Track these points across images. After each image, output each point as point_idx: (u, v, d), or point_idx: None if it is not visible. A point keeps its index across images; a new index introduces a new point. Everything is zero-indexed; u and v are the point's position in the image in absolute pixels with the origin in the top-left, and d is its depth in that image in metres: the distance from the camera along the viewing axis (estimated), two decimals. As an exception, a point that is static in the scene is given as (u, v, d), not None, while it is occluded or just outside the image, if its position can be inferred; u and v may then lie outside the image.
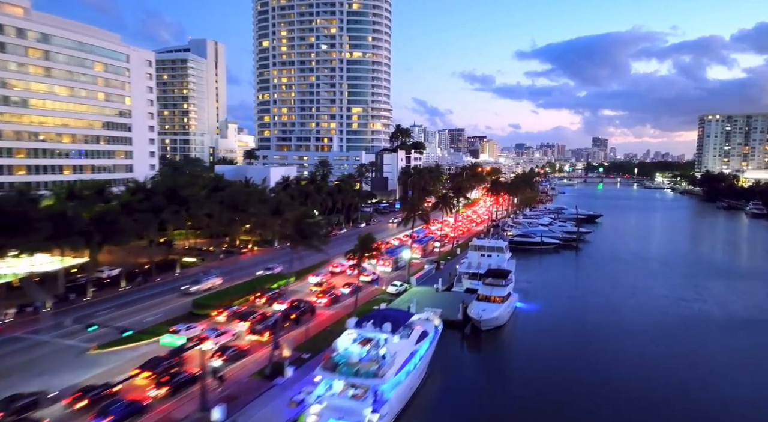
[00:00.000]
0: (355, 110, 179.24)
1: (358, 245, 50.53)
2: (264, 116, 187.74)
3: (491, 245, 70.60)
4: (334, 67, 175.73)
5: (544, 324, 55.02)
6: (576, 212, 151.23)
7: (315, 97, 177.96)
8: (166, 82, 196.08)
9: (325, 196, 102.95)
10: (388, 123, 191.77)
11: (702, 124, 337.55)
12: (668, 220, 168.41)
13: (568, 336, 51.49)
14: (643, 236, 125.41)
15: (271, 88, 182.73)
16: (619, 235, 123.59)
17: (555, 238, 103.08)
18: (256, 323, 45.53)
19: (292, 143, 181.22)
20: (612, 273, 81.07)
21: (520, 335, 52.62)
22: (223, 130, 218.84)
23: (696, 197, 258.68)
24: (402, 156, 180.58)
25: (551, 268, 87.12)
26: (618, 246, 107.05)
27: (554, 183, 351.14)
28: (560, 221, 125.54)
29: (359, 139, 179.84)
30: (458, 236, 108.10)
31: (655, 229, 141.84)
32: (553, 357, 45.90)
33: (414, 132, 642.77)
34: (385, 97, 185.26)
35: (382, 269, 72.58)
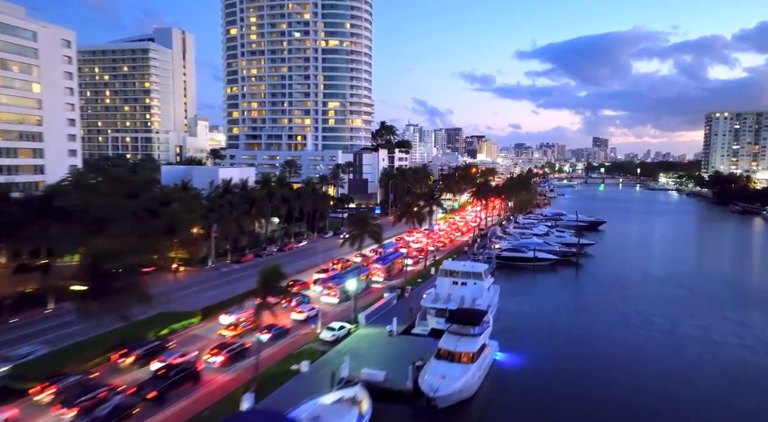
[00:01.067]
0: (331, 105, 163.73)
1: (259, 284, 34.94)
2: (233, 111, 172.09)
3: (467, 270, 55.08)
4: (308, 57, 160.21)
5: (534, 390, 39.39)
6: (576, 218, 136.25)
7: (287, 91, 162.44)
8: (126, 74, 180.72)
9: (278, 202, 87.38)
10: (369, 120, 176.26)
11: (709, 122, 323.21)
12: (679, 227, 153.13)
13: (566, 409, 36.04)
14: (654, 247, 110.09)
15: (240, 80, 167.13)
16: (626, 246, 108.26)
17: (551, 252, 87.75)
18: (83, 412, 29.45)
19: (262, 141, 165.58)
20: (621, 301, 65.66)
21: (497, 413, 36.99)
22: (192, 127, 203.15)
23: (705, 200, 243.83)
24: (384, 156, 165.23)
25: (546, 293, 71.63)
26: (626, 262, 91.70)
27: (553, 184, 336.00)
28: (558, 229, 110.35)
29: (336, 137, 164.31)
30: (438, 249, 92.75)
31: (666, 238, 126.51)
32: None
33: (409, 131, 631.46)
34: (365, 90, 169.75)
35: (327, 300, 57.08)
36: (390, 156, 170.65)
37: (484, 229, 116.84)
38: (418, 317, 51.13)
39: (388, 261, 70.28)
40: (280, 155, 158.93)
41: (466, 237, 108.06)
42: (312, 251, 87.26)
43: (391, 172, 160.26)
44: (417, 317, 51.15)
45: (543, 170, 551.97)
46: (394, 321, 47.91)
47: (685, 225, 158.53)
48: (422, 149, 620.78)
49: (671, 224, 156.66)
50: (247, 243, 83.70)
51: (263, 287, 33.85)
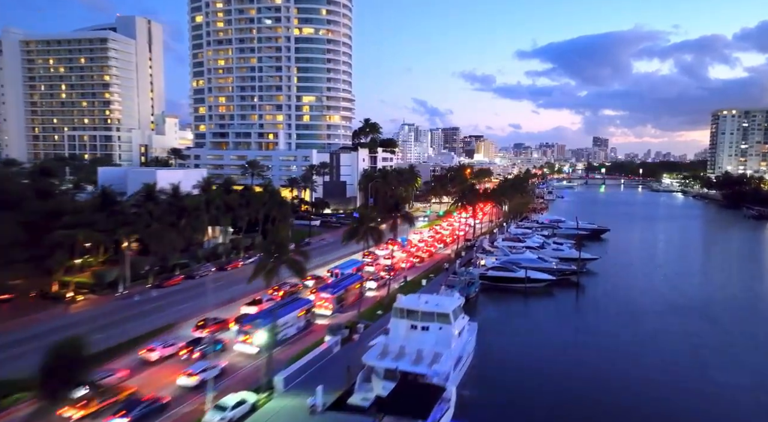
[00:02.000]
0: (306, 100, 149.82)
1: (42, 372, 20.93)
2: (199, 107, 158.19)
3: (429, 310, 41.03)
4: (279, 47, 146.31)
5: None
6: (576, 225, 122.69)
7: (257, 84, 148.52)
8: (83, 66, 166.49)
9: (217, 211, 73.36)
10: (349, 116, 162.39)
11: (715, 120, 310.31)
12: (691, 235, 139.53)
13: None
14: (666, 262, 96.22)
15: (206, 73, 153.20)
16: (634, 261, 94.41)
17: (547, 270, 73.98)
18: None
19: (229, 139, 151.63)
20: (634, 341, 51.90)
21: None
22: (160, 125, 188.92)
23: (714, 203, 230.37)
24: (365, 155, 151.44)
25: (538, 328, 57.73)
26: (635, 282, 77.88)
27: (552, 186, 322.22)
28: (555, 241, 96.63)
29: (312, 135, 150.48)
30: (414, 266, 78.88)
31: (679, 250, 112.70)
32: None
33: (404, 131, 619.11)
34: (344, 84, 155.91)
35: (244, 349, 43.04)
36: (372, 156, 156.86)
37: (472, 239, 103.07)
38: (359, 379, 37.07)
39: (340, 289, 56.23)
40: (249, 154, 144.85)
41: (450, 249, 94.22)
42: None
43: (371, 173, 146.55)
44: (358, 379, 37.12)
45: (542, 170, 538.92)
46: (318, 390, 33.87)
47: (698, 233, 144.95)
48: (418, 148, 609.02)
49: (682, 231, 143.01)
50: (179, 262, 69.65)
51: (47, 379, 19.89)
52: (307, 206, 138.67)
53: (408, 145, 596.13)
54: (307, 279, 65.07)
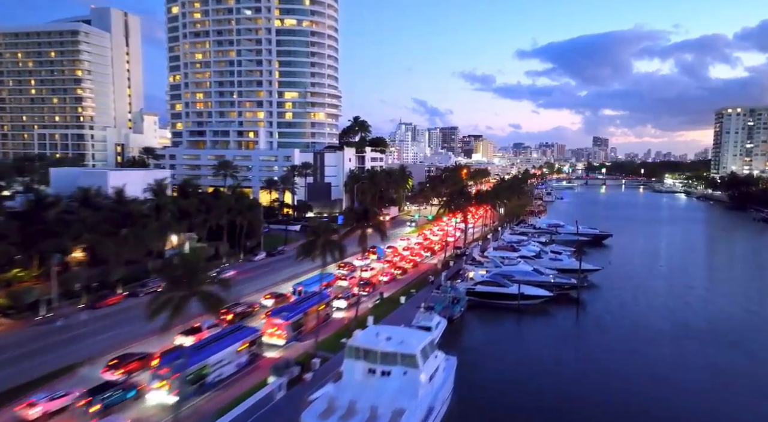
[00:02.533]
0: (289, 96, 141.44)
1: None
2: (176, 103, 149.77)
3: (391, 350, 32.59)
4: (260, 39, 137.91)
5: None
6: (576, 230, 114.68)
7: (236, 79, 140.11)
8: (54, 60, 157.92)
9: (171, 219, 64.99)
10: (336, 113, 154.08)
11: (719, 119, 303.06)
12: (699, 240, 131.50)
13: None
14: (675, 272, 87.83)
15: (182, 67, 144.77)
16: (641, 272, 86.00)
17: (543, 285, 65.77)
18: None
19: (207, 138, 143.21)
20: (649, 378, 43.58)
21: None
22: (138, 123, 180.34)
23: (719, 205, 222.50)
24: (351, 155, 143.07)
25: (530, 357, 49.33)
26: (644, 297, 69.48)
27: (551, 186, 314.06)
28: (553, 250, 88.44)
29: (295, 133, 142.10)
30: (395, 279, 70.60)
31: (687, 257, 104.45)
32: None
33: (400, 130, 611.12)
34: (330, 79, 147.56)
35: (159, 397, 34.59)
36: (359, 156, 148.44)
37: (463, 247, 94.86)
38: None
39: (298, 312, 47.80)
40: (227, 154, 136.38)
41: (438, 258, 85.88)
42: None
43: (358, 174, 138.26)
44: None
45: (541, 170, 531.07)
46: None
47: (706, 238, 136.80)
48: (415, 148, 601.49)
49: (688, 236, 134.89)
50: (122, 276, 61.23)
51: None
52: (288, 209, 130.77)
53: (405, 144, 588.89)
54: (267, 298, 57.10)
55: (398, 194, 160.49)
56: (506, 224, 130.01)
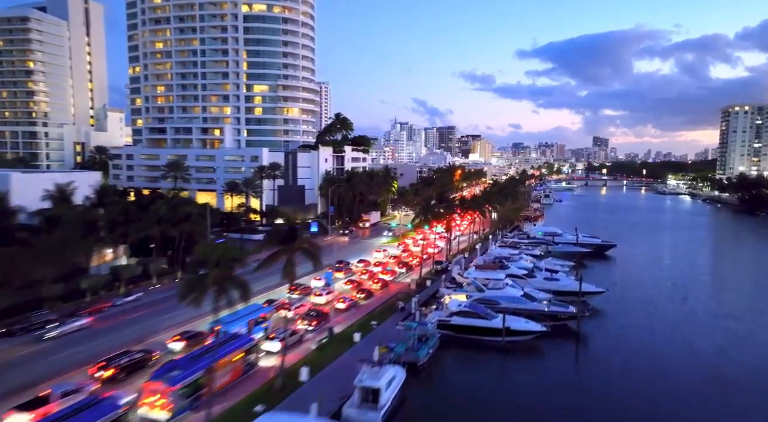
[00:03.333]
0: (258, 89, 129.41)
1: None
2: (136, 97, 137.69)
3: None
4: (226, 26, 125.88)
5: None
6: (576, 239, 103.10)
7: (200, 71, 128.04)
8: (1, 50, 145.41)
9: (71, 230, 52.63)
10: (313, 109, 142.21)
11: (726, 117, 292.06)
12: (714, 250, 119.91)
13: None
14: (692, 294, 75.85)
15: (141, 57, 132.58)
16: (652, 293, 73.96)
17: (534, 316, 53.88)
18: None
19: (167, 135, 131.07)
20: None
21: None
22: (102, 120, 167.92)
23: (728, 208, 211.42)
24: (327, 155, 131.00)
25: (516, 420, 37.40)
26: (657, 329, 57.49)
27: (550, 188, 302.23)
28: (548, 266, 76.63)
29: (266, 130, 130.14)
30: (356, 306, 58.52)
31: (703, 273, 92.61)
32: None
33: (395, 129, 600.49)
34: (306, 71, 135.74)
35: None
36: (338, 156, 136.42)
37: (445, 261, 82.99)
38: None
39: (193, 371, 35.12)
40: (189, 153, 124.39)
41: (413, 277, 73.79)
42: (127, 321, 53.00)
43: (334, 176, 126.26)
44: None
45: (540, 171, 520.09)
46: None
47: (721, 247, 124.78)
48: (410, 148, 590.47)
49: (701, 245, 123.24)
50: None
51: None
52: (255, 215, 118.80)
53: (400, 144, 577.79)
54: (176, 339, 44.83)
55: (384, 198, 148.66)
56: (498, 231, 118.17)
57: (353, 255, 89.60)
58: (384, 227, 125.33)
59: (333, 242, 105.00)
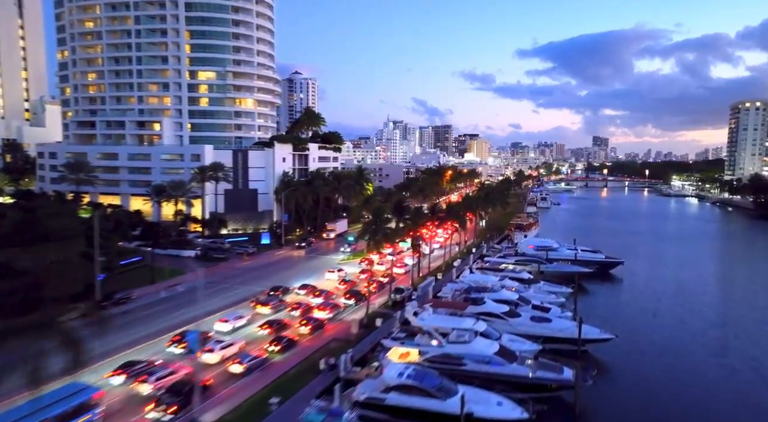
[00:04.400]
0: (204, 76, 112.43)
1: None
2: (65, 86, 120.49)
3: None
4: (163, 2, 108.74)
5: None
6: (574, 254, 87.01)
7: (135, 54, 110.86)
8: None
9: None
10: (273, 101, 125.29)
11: (735, 114, 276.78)
12: (739, 264, 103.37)
13: None
14: (731, 330, 59.23)
15: (68, 39, 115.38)
16: (674, 331, 57.28)
17: (514, 385, 37.27)
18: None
19: (97, 130, 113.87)
20: None
21: None
22: (39, 114, 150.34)
23: (740, 212, 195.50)
24: (286, 154, 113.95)
25: None
26: (692, 394, 40.89)
27: (547, 190, 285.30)
28: (538, 294, 60.07)
29: (213, 125, 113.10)
30: (265, 362, 41.24)
31: (737, 298, 75.91)
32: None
33: (388, 128, 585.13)
34: (263, 57, 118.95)
35: None
36: (300, 155, 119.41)
37: (410, 288, 66.29)
38: None
39: None
40: (120, 151, 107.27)
41: (351, 319, 56.85)
42: None
43: (292, 179, 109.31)
44: None
45: (538, 171, 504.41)
46: None
47: (748, 262, 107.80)
48: (404, 147, 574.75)
49: (724, 260, 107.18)
50: None
51: None
52: (196, 225, 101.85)
53: (393, 143, 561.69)
54: None
55: (358, 203, 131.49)
56: (483, 243, 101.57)
57: (299, 277, 73.22)
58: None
59: (283, 258, 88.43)
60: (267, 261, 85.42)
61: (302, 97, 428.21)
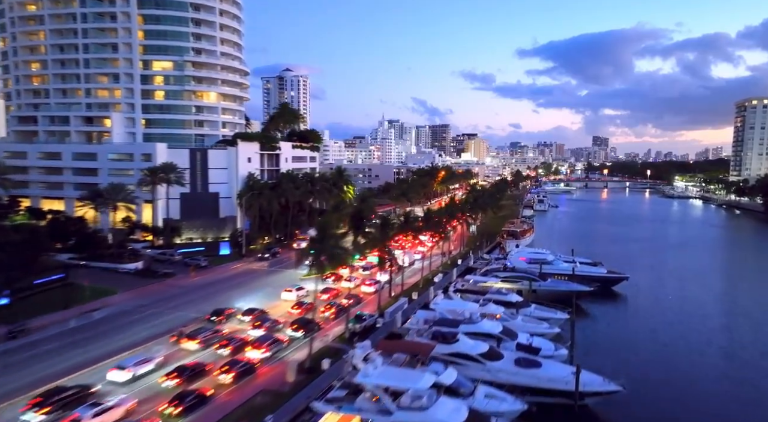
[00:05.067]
0: (159, 66, 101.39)
1: None
2: (6, 78, 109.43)
3: None
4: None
5: None
6: (572, 267, 76.83)
7: (81, 41, 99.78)
8: None
9: None
10: (240, 95, 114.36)
11: (742, 112, 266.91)
12: (757, 274, 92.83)
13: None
14: (763, 364, 48.74)
15: (8, 25, 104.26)
16: (693, 371, 46.66)
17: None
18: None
19: (39, 126, 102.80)
20: None
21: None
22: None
23: (749, 215, 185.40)
24: (252, 153, 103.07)
25: None
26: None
27: (544, 191, 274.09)
28: (528, 324, 49.47)
29: (170, 121, 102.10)
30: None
31: (762, 321, 65.27)
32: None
33: (383, 127, 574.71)
34: (228, 46, 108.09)
35: None
36: (269, 154, 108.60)
37: (374, 315, 55.60)
38: None
39: None
40: (64, 150, 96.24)
41: (289, 362, 45.98)
42: None
43: (258, 181, 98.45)
44: None
45: (536, 172, 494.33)
46: None
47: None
48: (400, 147, 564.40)
49: (743, 272, 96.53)
50: None
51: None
52: (147, 233, 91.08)
53: (388, 143, 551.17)
54: None
55: (340, 205, 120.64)
56: (471, 255, 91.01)
57: (252, 296, 63.08)
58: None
59: (240, 273, 77.60)
60: (220, 276, 74.70)
61: (293, 95, 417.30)
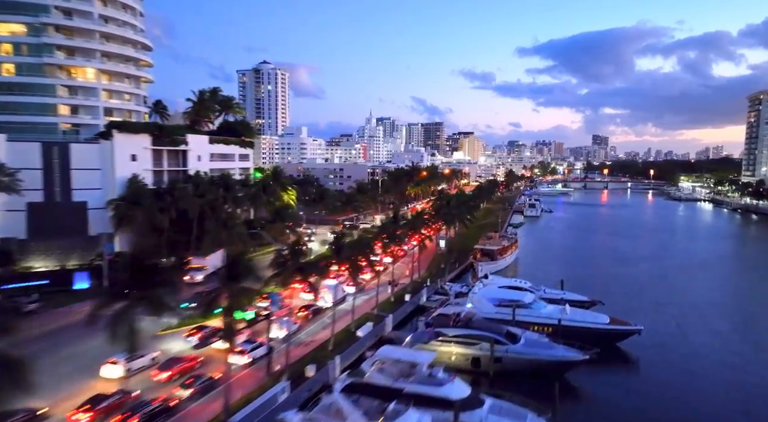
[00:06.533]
0: (6, 30, 76.77)
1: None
2: None
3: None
4: None
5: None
6: (560, 312, 52.40)
7: None
8: None
9: None
10: (136, 74, 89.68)
11: (756, 105, 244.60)
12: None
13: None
14: None
15: None
16: None
17: None
18: None
19: None
20: None
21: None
22: None
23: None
24: (138, 149, 78.27)
25: None
26: None
27: (538, 194, 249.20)
28: None
29: (26, 104, 77.38)
30: None
31: None
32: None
33: (371, 124, 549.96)
34: (116, 7, 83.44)
35: None
36: (169, 151, 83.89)
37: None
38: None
39: None
40: None
41: None
42: None
43: (141, 187, 73.78)
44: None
45: (532, 172, 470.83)
46: None
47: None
48: (389, 145, 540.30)
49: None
50: None
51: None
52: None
53: (376, 141, 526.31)
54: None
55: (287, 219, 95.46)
56: (425, 287, 66.84)
57: (57, 370, 39.22)
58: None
59: (71, 324, 52.20)
60: (39, 330, 50.35)
61: (270, 89, 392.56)
